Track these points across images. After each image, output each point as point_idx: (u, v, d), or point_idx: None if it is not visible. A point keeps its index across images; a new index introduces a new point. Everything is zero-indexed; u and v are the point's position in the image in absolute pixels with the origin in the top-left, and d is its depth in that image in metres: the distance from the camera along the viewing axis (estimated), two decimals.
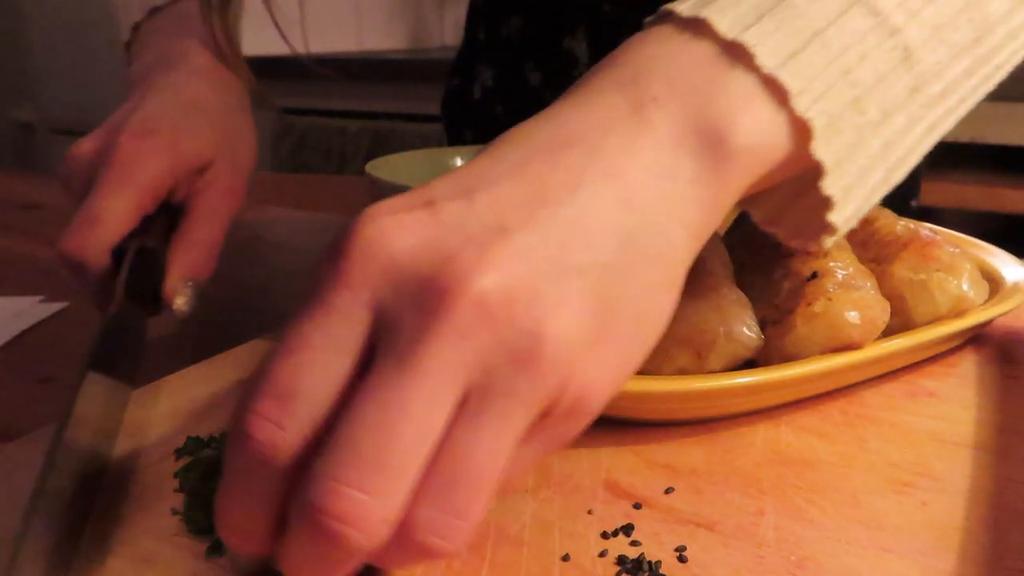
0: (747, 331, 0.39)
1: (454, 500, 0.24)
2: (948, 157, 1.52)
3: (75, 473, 0.30)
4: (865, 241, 0.47)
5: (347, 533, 0.22)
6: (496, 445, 0.24)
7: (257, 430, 0.23)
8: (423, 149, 0.61)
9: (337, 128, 1.92)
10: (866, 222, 0.48)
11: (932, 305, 0.42)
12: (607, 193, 0.26)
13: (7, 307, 0.57)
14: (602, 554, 0.30)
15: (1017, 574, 0.29)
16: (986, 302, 0.45)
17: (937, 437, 0.37)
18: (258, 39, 0.64)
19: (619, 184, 0.26)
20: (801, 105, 0.29)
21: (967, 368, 0.44)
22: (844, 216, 0.32)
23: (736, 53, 0.28)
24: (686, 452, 0.36)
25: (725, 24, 0.29)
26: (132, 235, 0.44)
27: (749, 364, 0.39)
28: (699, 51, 0.29)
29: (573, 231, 0.25)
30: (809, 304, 0.39)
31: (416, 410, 0.23)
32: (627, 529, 0.31)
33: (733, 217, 0.49)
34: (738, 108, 0.28)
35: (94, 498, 0.30)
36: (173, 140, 0.46)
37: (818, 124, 0.29)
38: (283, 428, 0.23)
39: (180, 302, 0.44)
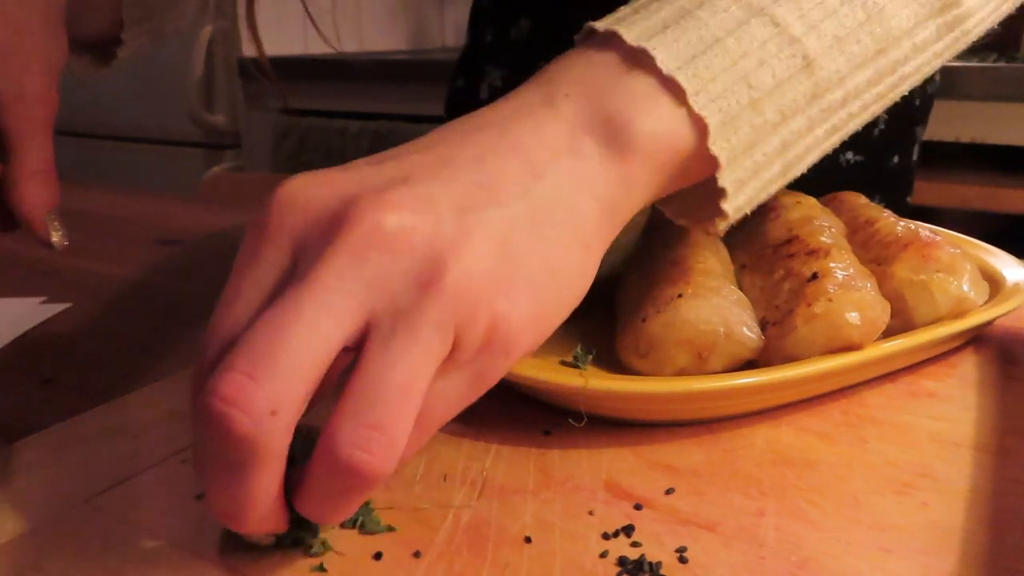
0: (747, 332, 0.39)
1: (372, 414, 0.25)
2: (949, 157, 1.51)
3: None
4: (866, 242, 0.47)
5: (233, 415, 0.24)
6: (408, 362, 0.26)
7: (208, 376, 0.25)
8: None
9: (338, 129, 1.92)
10: (867, 223, 0.48)
11: (932, 306, 0.43)
12: (512, 163, 0.29)
13: (9, 308, 0.57)
14: (603, 555, 0.30)
15: (1018, 575, 0.29)
16: (987, 303, 0.45)
17: (938, 438, 0.37)
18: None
19: (524, 156, 0.29)
20: (698, 104, 0.31)
21: (968, 369, 0.44)
22: (735, 205, 0.34)
23: (638, 58, 0.32)
24: (687, 453, 0.36)
25: (632, 35, 0.32)
26: None
27: (750, 365, 0.39)
28: (607, 56, 0.32)
29: (476, 186, 0.28)
30: (809, 305, 0.39)
31: (308, 314, 0.25)
32: (628, 530, 0.31)
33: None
34: (638, 102, 0.31)
35: None
36: None
37: (713, 122, 0.32)
38: (204, 354, 0.26)
39: (58, 237, 0.42)
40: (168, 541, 0.31)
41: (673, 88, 0.31)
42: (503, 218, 0.28)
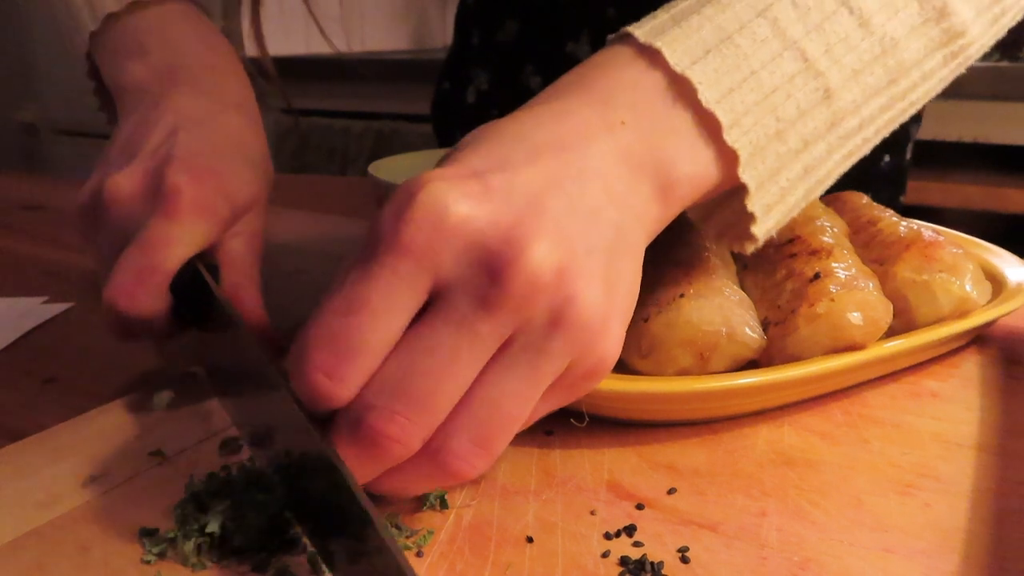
0: (749, 332, 0.39)
1: (485, 434, 0.29)
2: (951, 157, 1.51)
3: None
4: (868, 242, 0.47)
5: (394, 448, 0.28)
6: (526, 392, 0.29)
7: (319, 385, 0.28)
8: (425, 149, 0.61)
9: (340, 128, 1.92)
10: (869, 223, 0.48)
11: (935, 306, 0.42)
12: (599, 189, 0.31)
13: (11, 308, 0.57)
14: (605, 555, 0.30)
15: (1020, 575, 0.29)
16: (989, 303, 0.45)
17: (940, 438, 0.37)
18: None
19: (605, 184, 0.31)
20: (731, 137, 0.33)
21: (970, 369, 0.44)
22: (764, 229, 0.36)
23: (682, 86, 0.33)
24: (688, 453, 0.36)
25: (675, 57, 0.33)
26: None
27: (752, 365, 0.39)
28: (653, 79, 0.33)
29: (587, 215, 0.30)
30: (812, 305, 0.39)
31: (462, 368, 0.28)
32: (630, 530, 0.31)
33: None
34: (681, 144, 0.33)
35: None
36: (229, 186, 0.42)
37: (744, 153, 0.34)
38: (342, 381, 0.28)
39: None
40: (168, 541, 0.31)
41: (710, 121, 0.33)
42: (606, 251, 0.30)
